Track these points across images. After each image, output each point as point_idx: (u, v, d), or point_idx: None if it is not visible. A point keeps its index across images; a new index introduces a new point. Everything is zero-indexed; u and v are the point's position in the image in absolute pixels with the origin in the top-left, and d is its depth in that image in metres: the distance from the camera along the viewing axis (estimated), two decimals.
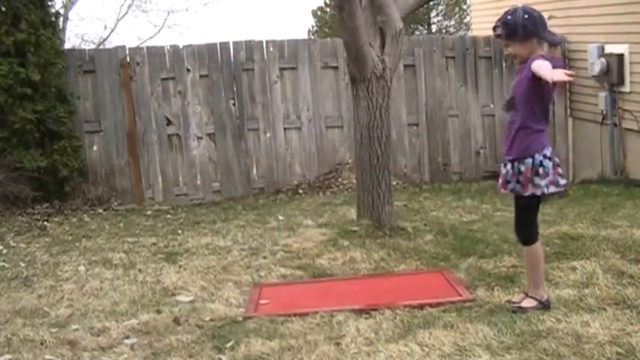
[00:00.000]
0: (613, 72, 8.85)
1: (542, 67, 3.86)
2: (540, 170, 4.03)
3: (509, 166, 4.13)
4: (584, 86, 9.66)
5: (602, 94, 9.16)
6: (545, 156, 4.05)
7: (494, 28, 4.11)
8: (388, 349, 3.68)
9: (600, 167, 9.39)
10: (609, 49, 8.98)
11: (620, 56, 8.80)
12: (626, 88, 8.87)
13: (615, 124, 9.09)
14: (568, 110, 9.96)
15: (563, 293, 4.38)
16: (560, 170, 4.11)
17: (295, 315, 4.38)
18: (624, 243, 5.36)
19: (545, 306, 4.13)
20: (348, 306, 4.46)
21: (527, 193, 4.06)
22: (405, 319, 4.16)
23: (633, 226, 5.97)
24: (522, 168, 4.05)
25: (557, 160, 4.13)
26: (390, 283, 5.08)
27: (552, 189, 4.06)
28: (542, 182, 4.03)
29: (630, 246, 5.26)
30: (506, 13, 4.07)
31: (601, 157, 9.35)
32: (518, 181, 4.09)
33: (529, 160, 4.04)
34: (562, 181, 4.10)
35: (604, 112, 9.21)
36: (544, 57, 4.00)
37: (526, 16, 3.98)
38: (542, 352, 3.52)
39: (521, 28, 3.98)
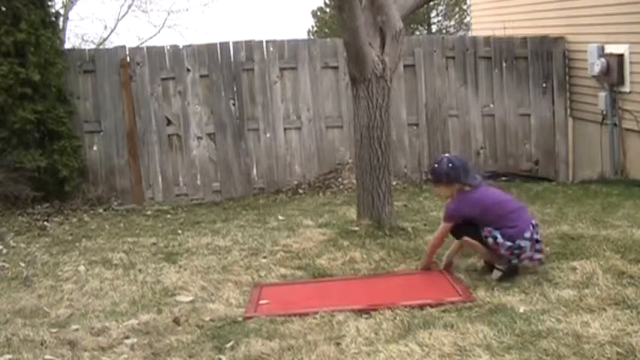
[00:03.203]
0: (613, 72, 8.86)
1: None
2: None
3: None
4: (584, 86, 9.66)
5: (602, 94, 9.16)
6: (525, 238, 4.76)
7: (427, 173, 4.88)
8: (388, 349, 3.68)
9: (600, 167, 9.39)
10: (609, 49, 8.98)
11: (620, 56, 8.80)
12: (626, 88, 8.87)
13: (615, 124, 9.10)
14: (568, 110, 9.96)
15: (563, 293, 4.38)
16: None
17: (295, 315, 4.38)
18: (624, 243, 5.36)
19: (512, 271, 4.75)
20: (348, 306, 4.46)
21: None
22: (405, 319, 4.16)
23: (633, 226, 5.98)
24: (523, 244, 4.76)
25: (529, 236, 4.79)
26: (390, 283, 5.08)
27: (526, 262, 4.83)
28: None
29: (630, 246, 5.26)
30: (434, 161, 5.14)
31: (601, 157, 9.35)
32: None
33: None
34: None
35: (604, 112, 9.21)
36: (459, 196, 4.89)
37: (450, 165, 4.88)
38: (542, 352, 3.52)
39: (445, 176, 4.90)
